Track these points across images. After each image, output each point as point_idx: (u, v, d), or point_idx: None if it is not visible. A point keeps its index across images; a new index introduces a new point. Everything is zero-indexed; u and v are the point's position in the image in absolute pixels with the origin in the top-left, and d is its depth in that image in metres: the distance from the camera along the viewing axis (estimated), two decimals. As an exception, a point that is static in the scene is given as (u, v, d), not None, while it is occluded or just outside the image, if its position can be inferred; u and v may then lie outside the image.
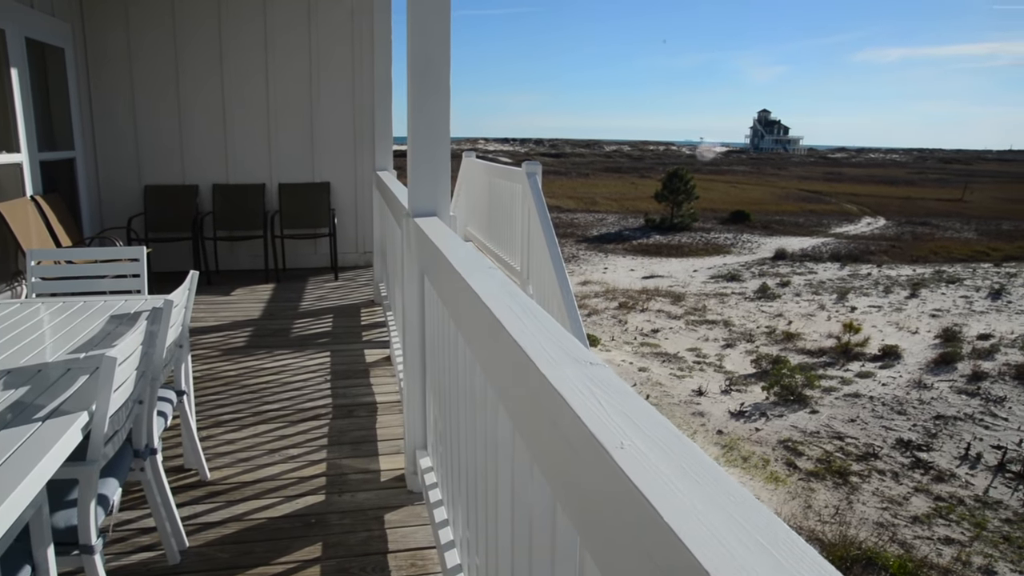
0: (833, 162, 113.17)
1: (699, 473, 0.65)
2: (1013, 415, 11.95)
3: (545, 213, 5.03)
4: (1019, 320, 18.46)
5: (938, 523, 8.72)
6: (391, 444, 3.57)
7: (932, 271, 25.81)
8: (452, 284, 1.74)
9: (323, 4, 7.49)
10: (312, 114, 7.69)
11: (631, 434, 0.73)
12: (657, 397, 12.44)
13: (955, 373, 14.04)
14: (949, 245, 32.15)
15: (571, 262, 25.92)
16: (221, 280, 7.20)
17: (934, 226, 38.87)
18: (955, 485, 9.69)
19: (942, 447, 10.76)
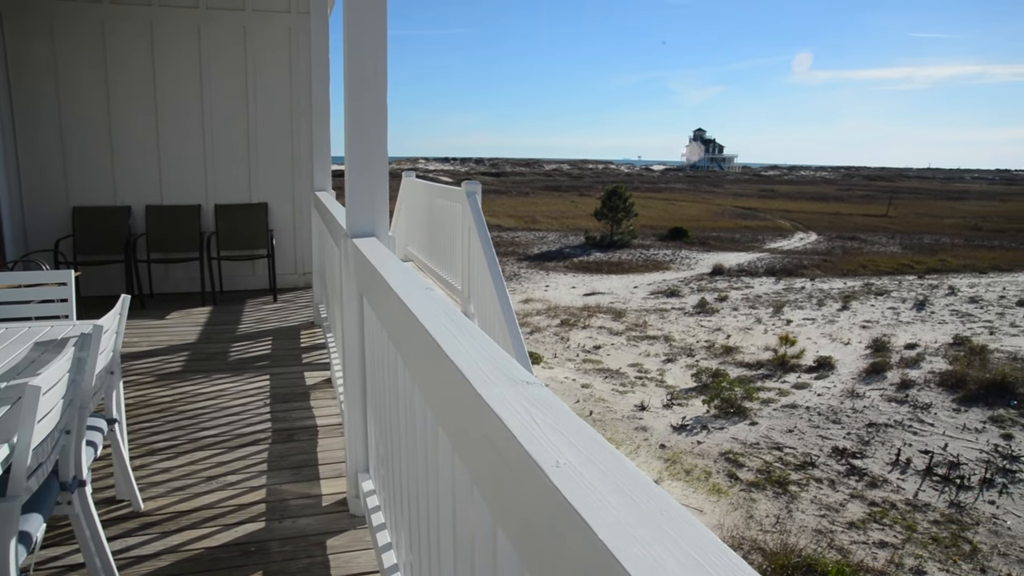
0: (766, 179, 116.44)
1: (633, 489, 0.66)
2: (939, 420, 12.40)
3: (485, 232, 5.05)
4: (942, 330, 19.21)
5: (873, 528, 8.97)
6: (333, 468, 3.51)
7: (861, 284, 26.70)
8: (390, 305, 1.73)
9: (259, 23, 7.40)
10: (249, 134, 7.57)
11: (567, 452, 0.74)
12: (600, 413, 12.53)
13: (885, 382, 14.51)
14: (876, 259, 33.34)
15: (513, 280, 26.00)
16: (155, 303, 7.01)
17: (862, 240, 40.27)
18: (887, 490, 9.98)
19: (875, 454, 11.09)
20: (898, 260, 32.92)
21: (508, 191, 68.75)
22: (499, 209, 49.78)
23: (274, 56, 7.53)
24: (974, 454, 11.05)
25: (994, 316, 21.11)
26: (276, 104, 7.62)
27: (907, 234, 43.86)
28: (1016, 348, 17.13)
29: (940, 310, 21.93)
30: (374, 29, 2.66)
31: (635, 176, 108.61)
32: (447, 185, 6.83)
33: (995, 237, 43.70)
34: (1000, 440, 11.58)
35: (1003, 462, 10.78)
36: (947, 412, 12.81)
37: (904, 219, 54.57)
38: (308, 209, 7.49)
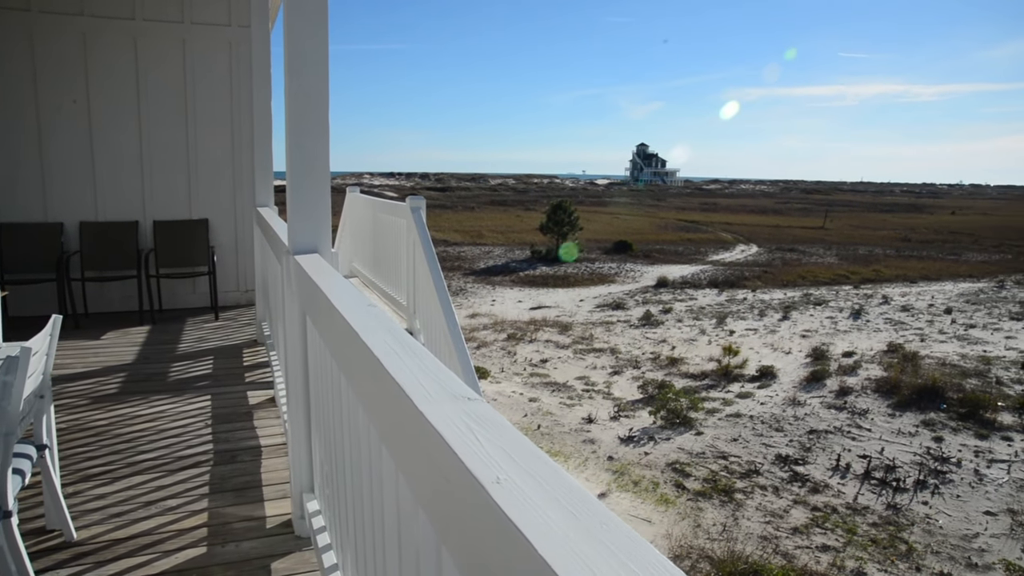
0: (708, 193, 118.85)
1: (574, 504, 0.66)
2: (875, 426, 12.78)
3: (430, 247, 5.04)
4: (877, 338, 19.84)
5: (815, 532, 9.17)
6: (277, 488, 3.45)
7: (801, 294, 27.41)
8: (332, 322, 1.71)
9: (199, 36, 7.28)
10: (189, 149, 7.42)
11: (507, 468, 0.74)
12: (548, 426, 12.56)
13: (824, 389, 14.89)
14: (814, 269, 34.28)
15: (459, 295, 25.94)
16: (90, 323, 6.79)
17: (801, 252, 41.38)
18: (829, 495, 10.22)
19: (816, 460, 11.35)
20: (835, 271, 33.92)
21: (454, 206, 68.73)
22: (445, 224, 49.71)
23: (214, 70, 7.41)
24: (908, 457, 11.41)
25: (924, 324, 21.89)
26: (217, 118, 7.49)
27: (843, 245, 45.24)
28: (944, 354, 17.78)
29: (875, 319, 22.64)
30: (315, 43, 2.64)
31: (579, 190, 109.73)
32: (392, 200, 6.79)
33: (923, 248, 45.42)
34: (932, 443, 11.98)
35: (934, 464, 11.15)
36: (883, 417, 13.20)
37: (839, 231, 56.31)
38: (250, 225, 7.37)
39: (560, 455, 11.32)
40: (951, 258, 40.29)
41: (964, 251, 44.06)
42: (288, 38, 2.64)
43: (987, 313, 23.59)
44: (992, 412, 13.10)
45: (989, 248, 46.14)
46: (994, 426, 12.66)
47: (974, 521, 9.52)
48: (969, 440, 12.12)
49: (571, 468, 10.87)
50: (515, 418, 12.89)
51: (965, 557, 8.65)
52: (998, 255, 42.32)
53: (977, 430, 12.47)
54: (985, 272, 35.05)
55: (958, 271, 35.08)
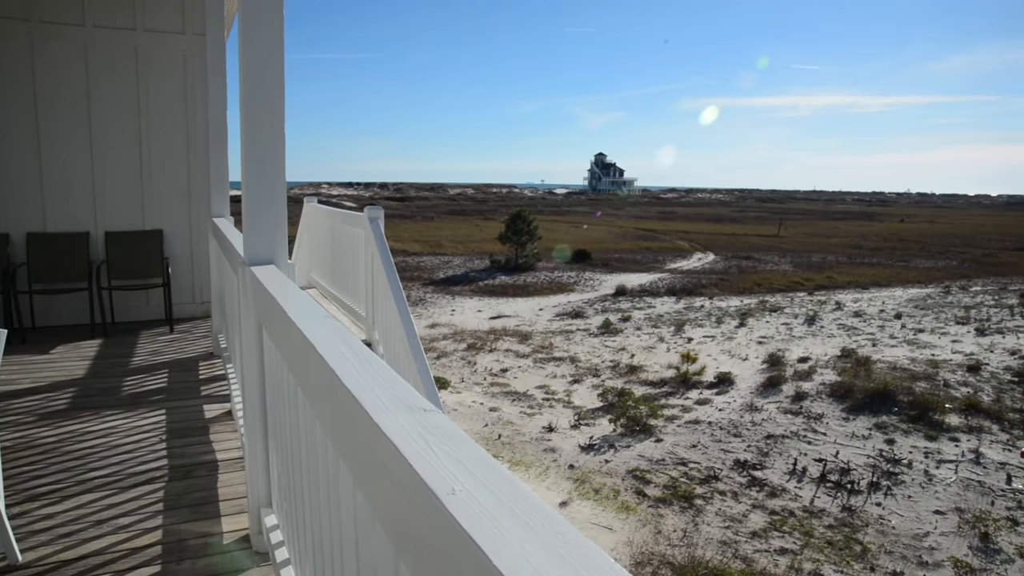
0: (665, 202, 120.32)
1: (529, 515, 0.67)
2: (830, 429, 13.03)
3: (388, 258, 5.02)
4: (830, 343, 20.25)
5: (774, 535, 9.30)
6: (234, 504, 3.39)
7: (757, 301, 27.86)
8: (288, 335, 1.69)
9: (152, 44, 7.16)
10: (142, 158, 7.28)
11: (463, 480, 0.74)
12: (509, 436, 12.55)
13: (781, 394, 15.13)
14: (770, 277, 34.90)
15: (419, 305, 25.84)
16: (38, 337, 6.60)
17: (756, 260, 42.09)
18: (786, 499, 10.38)
19: (773, 464, 11.53)
20: (790, 278, 34.57)
21: (413, 216, 68.51)
22: (404, 234, 49.51)
23: (169, 78, 7.29)
24: (862, 459, 11.65)
25: (876, 329, 22.41)
26: (171, 127, 7.37)
27: (797, 253, 46.14)
28: (895, 358, 18.22)
29: (829, 324, 23.11)
30: (271, 53, 2.63)
31: (538, 200, 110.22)
32: (350, 210, 6.75)
33: (874, 255, 46.55)
34: (884, 445, 12.25)
35: (887, 466, 11.41)
36: (837, 421, 13.47)
37: (794, 239, 57.42)
38: (206, 236, 7.25)
39: (521, 464, 11.32)
40: (900, 265, 41.37)
41: (912, 258, 45.28)
42: (243, 47, 2.61)
43: (934, 318, 24.24)
44: (940, 414, 13.46)
45: (936, 255, 47.49)
46: (942, 427, 13.00)
47: (924, 520, 9.76)
48: (919, 442, 12.42)
49: (532, 477, 10.88)
50: (476, 428, 12.86)
51: (916, 556, 8.85)
52: (944, 261, 43.58)
53: (927, 432, 12.79)
54: (932, 278, 36.06)
55: (907, 277, 36.03)
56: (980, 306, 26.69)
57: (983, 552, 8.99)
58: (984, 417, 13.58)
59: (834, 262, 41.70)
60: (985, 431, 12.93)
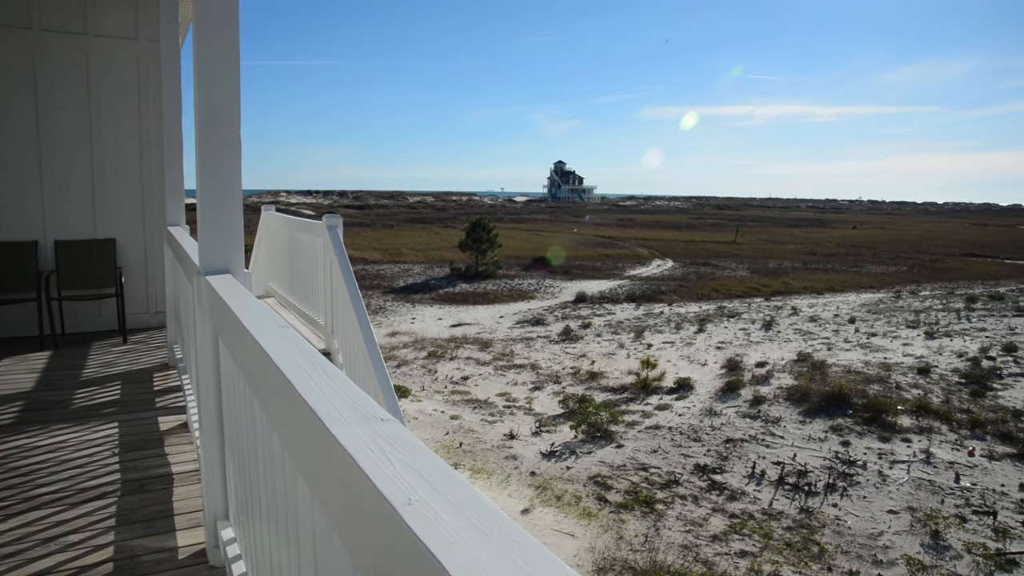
0: (624, 209, 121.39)
1: (485, 523, 0.67)
2: (788, 433, 13.24)
3: (347, 266, 4.98)
4: (787, 348, 20.61)
5: (734, 538, 9.41)
6: (190, 517, 3.32)
7: (715, 307, 28.24)
8: (244, 345, 1.67)
9: (104, 49, 7.01)
10: (94, 165, 7.12)
11: (419, 489, 0.74)
12: (470, 444, 12.52)
13: (739, 399, 15.34)
14: (728, 283, 35.40)
15: (379, 313, 25.66)
16: (-18, 350, 6.41)
17: (714, 266, 42.68)
18: (745, 502, 10.52)
19: (733, 468, 11.67)
20: (747, 284, 35.11)
21: (372, 224, 68.10)
22: (363, 242, 49.18)
23: (121, 84, 7.15)
24: (819, 462, 11.85)
25: (830, 333, 22.86)
26: (124, 134, 7.22)
27: (753, 259, 46.89)
28: (849, 362, 18.61)
29: (785, 329, 23.51)
30: (226, 58, 2.59)
31: (498, 207, 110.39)
32: (308, 219, 6.69)
33: (828, 261, 47.54)
34: (840, 447, 12.49)
35: (842, 467, 11.63)
36: (795, 424, 13.69)
37: (750, 245, 58.37)
38: (161, 245, 7.12)
39: (483, 472, 11.29)
40: (853, 270, 42.30)
41: (865, 263, 46.35)
42: (198, 53, 2.58)
43: (886, 322, 24.82)
44: (893, 416, 13.77)
45: (887, 260, 48.68)
46: (895, 429, 13.30)
47: (879, 520, 9.96)
48: (873, 443, 12.69)
49: (494, 485, 10.86)
50: (437, 436, 12.80)
51: (871, 555, 9.03)
52: (894, 267, 44.69)
53: (880, 433, 13.08)
54: (884, 283, 36.95)
55: (860, 282, 36.86)
56: (929, 310, 27.41)
57: (934, 549, 9.21)
58: (934, 418, 13.93)
59: (790, 268, 42.49)
60: (935, 431, 13.27)
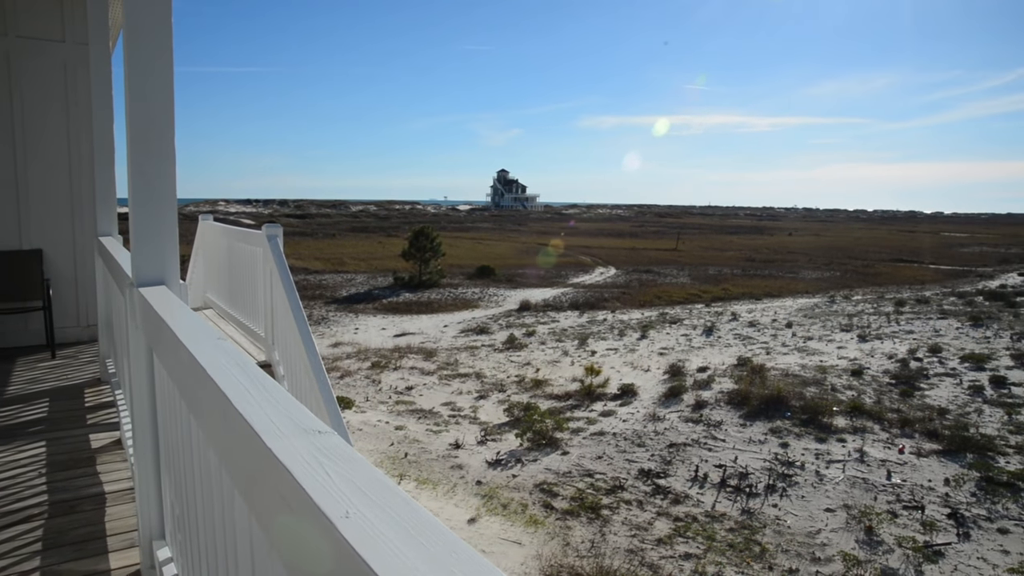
0: (567, 217, 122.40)
1: (424, 534, 0.66)
2: (729, 436, 13.50)
3: (288, 276, 4.90)
4: (727, 352, 21.03)
5: (678, 541, 9.54)
6: (123, 538, 3.21)
7: (657, 314, 28.66)
8: (179, 358, 1.63)
9: (27, 52, 6.77)
10: (17, 174, 6.85)
11: (357, 503, 0.73)
12: (416, 454, 12.42)
13: (682, 404, 15.58)
14: (669, 290, 35.99)
15: (321, 324, 25.31)
16: (-102, 368, 6.10)
17: (656, 273, 43.35)
18: (689, 505, 10.67)
19: (676, 472, 11.84)
20: (688, 290, 35.75)
21: (314, 233, 67.23)
22: (305, 252, 48.50)
23: (48, 88, 6.90)
24: (759, 464, 12.11)
25: (769, 337, 23.42)
26: (51, 141, 6.97)
27: (694, 266, 47.79)
28: (787, 365, 19.09)
29: (725, 334, 24.00)
30: (159, 64, 2.53)
31: (442, 216, 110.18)
32: (248, 228, 6.57)
33: (766, 267, 48.77)
34: (779, 449, 12.79)
35: (782, 468, 11.91)
36: (736, 427, 13.97)
37: (691, 252, 59.49)
38: (92, 256, 6.89)
39: (429, 483, 11.21)
40: (790, 276, 43.48)
41: (800, 269, 47.69)
42: (129, 58, 2.51)
43: (822, 326, 25.55)
44: (829, 417, 14.16)
45: (821, 266, 50.18)
46: (831, 429, 13.68)
47: (816, 519, 10.23)
48: (811, 444, 13.03)
49: (440, 495, 10.79)
50: (382, 447, 12.66)
51: (810, 553, 9.26)
52: (829, 272, 46.10)
53: (817, 434, 13.43)
54: (819, 288, 38.05)
55: (796, 288, 37.89)
56: (861, 314, 28.33)
57: (868, 545, 9.49)
58: (867, 418, 14.38)
59: (729, 274, 43.44)
60: (868, 431, 13.69)
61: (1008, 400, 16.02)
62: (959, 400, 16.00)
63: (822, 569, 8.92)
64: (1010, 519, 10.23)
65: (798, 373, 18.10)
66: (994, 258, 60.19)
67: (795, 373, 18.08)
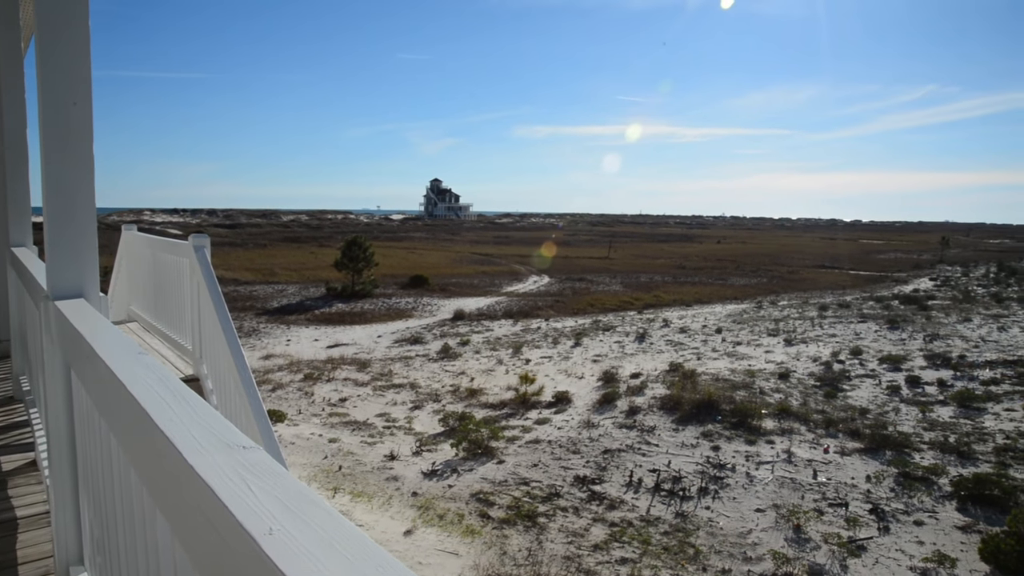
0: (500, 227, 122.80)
1: (349, 549, 0.65)
2: (662, 441, 13.73)
3: (216, 287, 4.78)
4: (660, 358, 21.42)
5: (614, 546, 9.63)
6: (38, 565, 3.06)
7: (591, 321, 28.98)
8: (98, 374, 1.56)
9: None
10: (-80, 183, 6.49)
11: (282, 518, 0.71)
12: (350, 467, 12.23)
13: (616, 410, 15.78)
14: (602, 297, 36.44)
15: (252, 336, 24.74)
16: None
17: (589, 281, 43.86)
18: (624, 510, 10.80)
19: (611, 478, 11.97)
20: (620, 298, 36.27)
21: (244, 243, 65.75)
22: (235, 262, 47.37)
23: (-47, 95, 6.56)
24: (692, 467, 12.35)
25: (699, 343, 23.94)
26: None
27: (626, 274, 48.53)
28: (717, 370, 19.54)
29: (657, 341, 24.42)
30: (75, 67, 2.44)
31: (375, 226, 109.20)
32: (174, 238, 6.38)
33: (695, 274, 49.90)
34: (711, 452, 13.07)
35: (714, 471, 12.17)
36: (668, 432, 14.21)
37: (623, 260, 60.41)
38: (4, 267, 6.57)
39: (364, 495, 11.05)
40: (719, 283, 44.58)
41: (729, 276, 48.97)
42: (42, 60, 2.41)
43: (750, 331, 26.26)
44: (757, 420, 14.55)
45: (748, 273, 51.63)
46: (760, 432, 14.05)
47: (748, 519, 10.48)
48: (741, 446, 13.35)
49: (376, 508, 10.65)
50: (315, 460, 12.43)
51: (742, 552, 9.48)
52: (756, 279, 47.47)
53: (747, 436, 13.78)
54: (746, 294, 39.13)
55: (725, 294, 38.87)
56: (787, 319, 29.23)
57: (796, 542, 9.77)
58: (794, 420, 14.83)
59: (661, 282, 44.26)
60: (795, 432, 14.12)
61: (922, 399, 16.77)
62: (878, 400, 16.67)
63: (753, 568, 9.14)
64: (924, 511, 10.69)
65: (728, 377, 18.54)
66: (908, 264, 63.11)
67: (725, 377, 18.52)
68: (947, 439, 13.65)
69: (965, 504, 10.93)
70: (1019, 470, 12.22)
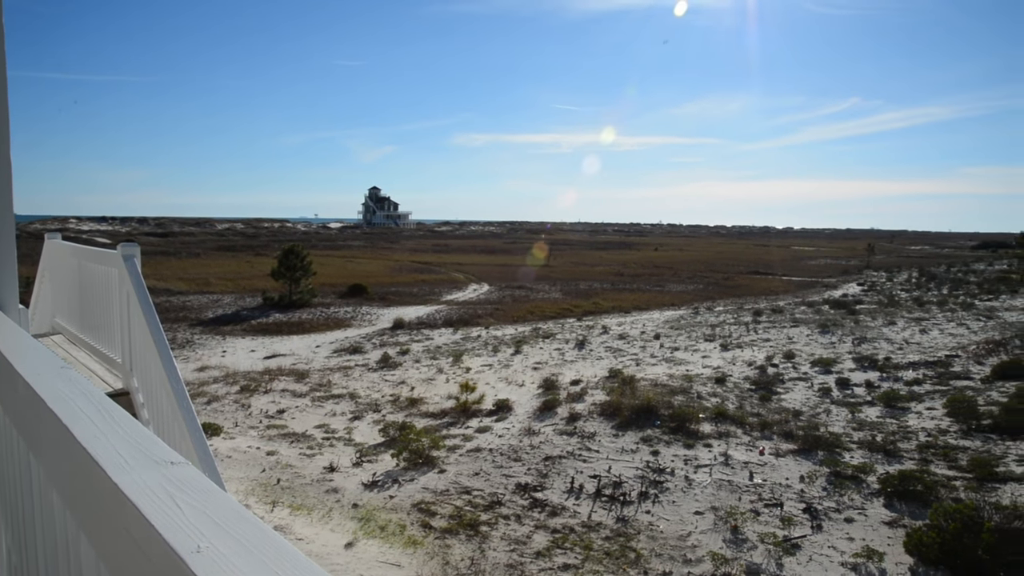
0: (440, 235, 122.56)
1: (279, 565, 0.64)
2: (602, 446, 13.85)
3: (146, 298, 4.63)
4: (599, 365, 21.64)
5: (557, 553, 9.66)
6: (-48, 592, 2.90)
7: (531, 329, 29.10)
8: (15, 391, 1.49)
9: None
10: None
11: (211, 535, 0.69)
12: (289, 479, 11.99)
13: (556, 417, 15.85)
14: (542, 305, 36.66)
15: (186, 347, 24.08)
16: None
17: (529, 289, 44.09)
18: (566, 516, 10.84)
19: (553, 485, 12.01)
20: (560, 305, 36.56)
21: (177, 252, 64.06)
22: (167, 272, 46.10)
23: None
24: (632, 472, 12.48)
25: (638, 349, 24.28)
26: None
27: (566, 281, 48.95)
28: (656, 375, 19.85)
29: (597, 347, 24.67)
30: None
31: (312, 234, 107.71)
32: (102, 247, 6.17)
33: (634, 281, 50.66)
34: (650, 456, 13.24)
35: (653, 475, 12.32)
36: (609, 438, 14.34)
37: (562, 268, 60.92)
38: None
39: (303, 508, 10.84)
40: (656, 289, 45.35)
41: (667, 282, 49.87)
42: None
43: (687, 336, 26.75)
44: (695, 423, 14.81)
45: (685, 279, 52.68)
46: (698, 436, 14.30)
47: (687, 522, 10.64)
48: (679, 450, 13.56)
49: (315, 520, 10.46)
50: (252, 474, 12.14)
51: (682, 555, 9.62)
52: (692, 285, 48.46)
53: (685, 440, 14.00)
54: (684, 300, 39.90)
55: (663, 301, 39.55)
56: (723, 324, 29.89)
57: (734, 543, 9.97)
58: (730, 423, 15.14)
59: (599, 289, 44.80)
60: (732, 435, 14.42)
61: (851, 400, 17.34)
62: (811, 402, 17.17)
63: (693, 570, 9.28)
64: (854, 509, 11.03)
65: (666, 383, 18.83)
66: (836, 269, 65.34)
67: (664, 383, 18.81)
68: (875, 438, 14.13)
69: (891, 500, 11.32)
70: (940, 466, 12.74)
